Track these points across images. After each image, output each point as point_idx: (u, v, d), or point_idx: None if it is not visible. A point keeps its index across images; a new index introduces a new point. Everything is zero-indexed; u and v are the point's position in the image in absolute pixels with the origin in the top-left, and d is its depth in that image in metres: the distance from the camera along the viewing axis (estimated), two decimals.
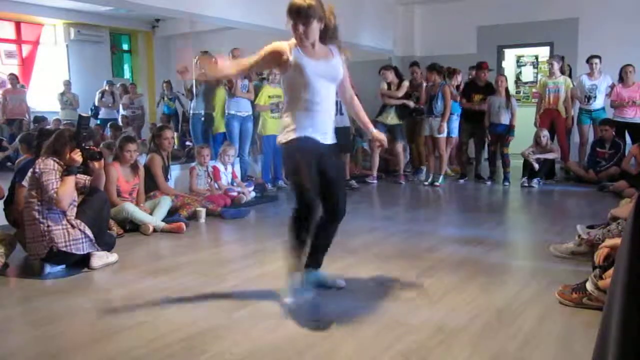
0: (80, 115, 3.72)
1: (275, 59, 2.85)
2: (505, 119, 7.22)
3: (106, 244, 3.86)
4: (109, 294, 3.25)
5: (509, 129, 7.23)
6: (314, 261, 3.09)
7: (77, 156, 3.56)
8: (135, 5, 6.43)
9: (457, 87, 8.10)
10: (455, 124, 7.70)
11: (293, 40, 2.86)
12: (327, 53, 2.92)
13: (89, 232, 3.63)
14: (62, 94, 11.05)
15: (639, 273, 1.04)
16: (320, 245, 3.05)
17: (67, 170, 3.53)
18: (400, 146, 7.68)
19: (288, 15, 2.80)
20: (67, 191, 3.49)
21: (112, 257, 3.81)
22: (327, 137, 2.93)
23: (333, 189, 2.94)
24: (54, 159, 3.56)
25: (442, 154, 7.44)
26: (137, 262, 3.92)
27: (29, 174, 3.66)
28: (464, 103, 7.72)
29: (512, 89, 7.83)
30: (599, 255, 2.84)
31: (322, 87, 2.87)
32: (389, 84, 7.50)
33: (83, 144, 3.61)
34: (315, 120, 2.86)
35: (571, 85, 7.79)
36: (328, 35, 2.91)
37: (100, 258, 3.70)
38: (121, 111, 11.24)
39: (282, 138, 2.89)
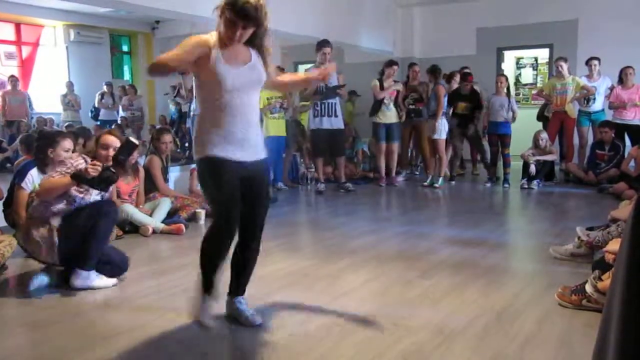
0: (131, 141, 3.24)
1: (200, 51, 2.39)
2: (506, 118, 7.25)
3: (101, 269, 3.33)
4: (108, 295, 3.23)
5: (509, 127, 7.27)
6: (237, 288, 2.71)
7: (93, 170, 3.14)
8: (135, 6, 6.43)
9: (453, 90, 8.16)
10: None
11: (213, 35, 2.46)
12: (246, 53, 2.51)
13: (55, 239, 3.22)
14: (65, 96, 11.06)
15: (638, 275, 1.04)
16: (240, 271, 2.69)
17: (74, 175, 3.17)
18: (396, 146, 7.67)
19: (232, 11, 2.35)
20: (52, 186, 3.19)
21: (103, 281, 3.30)
22: (251, 152, 2.51)
23: (254, 214, 2.62)
24: (85, 157, 3.35)
25: (441, 156, 7.45)
26: (137, 264, 3.91)
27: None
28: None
29: (511, 90, 7.86)
30: (609, 258, 2.83)
31: (242, 98, 2.45)
32: (381, 80, 7.45)
33: (110, 166, 3.22)
34: (234, 135, 2.43)
35: (582, 84, 7.73)
36: (258, 37, 2.50)
37: (83, 279, 3.23)
38: (121, 112, 11.23)
39: (200, 152, 2.46)
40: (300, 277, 3.46)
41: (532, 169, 7.21)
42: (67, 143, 4.06)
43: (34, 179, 4.03)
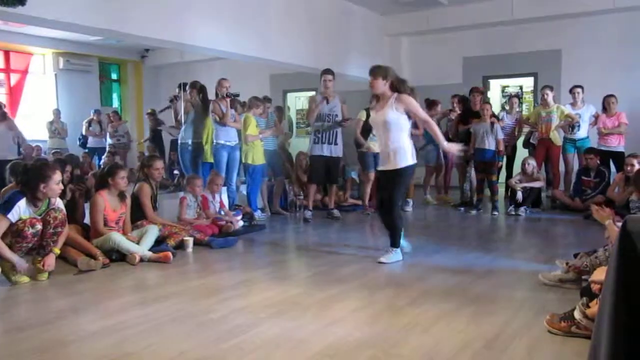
0: None
1: None
2: (491, 145, 7.29)
3: None
4: (94, 324, 3.18)
5: (495, 154, 7.33)
6: None
7: None
8: (124, 35, 6.47)
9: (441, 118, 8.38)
10: (433, 153, 8.29)
11: None
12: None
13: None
14: (51, 123, 11.04)
15: (625, 301, 1.05)
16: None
17: None
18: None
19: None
20: None
21: None
22: None
23: None
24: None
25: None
26: (124, 292, 3.87)
27: None
28: (461, 127, 7.95)
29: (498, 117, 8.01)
30: (595, 289, 2.84)
31: None
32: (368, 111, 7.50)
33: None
34: None
35: (566, 112, 7.85)
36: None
37: None
38: (108, 140, 11.25)
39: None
40: (289, 306, 3.43)
41: (519, 195, 7.27)
42: (58, 175, 4.12)
43: (21, 211, 3.99)
